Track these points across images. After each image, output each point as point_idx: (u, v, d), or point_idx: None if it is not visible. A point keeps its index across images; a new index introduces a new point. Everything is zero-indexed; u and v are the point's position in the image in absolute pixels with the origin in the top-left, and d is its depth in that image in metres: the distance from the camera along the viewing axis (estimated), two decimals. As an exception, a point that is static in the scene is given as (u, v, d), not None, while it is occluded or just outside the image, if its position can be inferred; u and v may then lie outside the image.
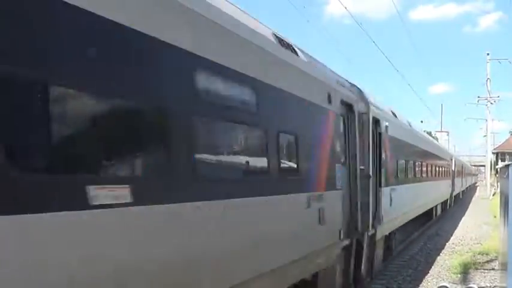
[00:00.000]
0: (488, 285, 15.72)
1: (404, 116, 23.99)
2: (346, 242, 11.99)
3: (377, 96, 17.28)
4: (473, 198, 71.33)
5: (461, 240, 27.10)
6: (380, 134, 15.84)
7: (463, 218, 40.31)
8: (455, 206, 48.95)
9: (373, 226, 14.58)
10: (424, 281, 16.60)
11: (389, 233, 18.53)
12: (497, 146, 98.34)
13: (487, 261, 19.46)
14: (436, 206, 35.80)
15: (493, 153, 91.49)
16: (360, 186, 12.88)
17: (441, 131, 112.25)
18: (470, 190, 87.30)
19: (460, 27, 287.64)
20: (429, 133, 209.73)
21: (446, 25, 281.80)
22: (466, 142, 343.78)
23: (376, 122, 15.46)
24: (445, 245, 25.38)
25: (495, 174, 76.93)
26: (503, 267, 12.42)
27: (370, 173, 14.19)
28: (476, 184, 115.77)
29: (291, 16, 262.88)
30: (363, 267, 13.94)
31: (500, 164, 25.56)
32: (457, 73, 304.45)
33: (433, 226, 34.72)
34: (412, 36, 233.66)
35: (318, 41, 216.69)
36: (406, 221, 21.98)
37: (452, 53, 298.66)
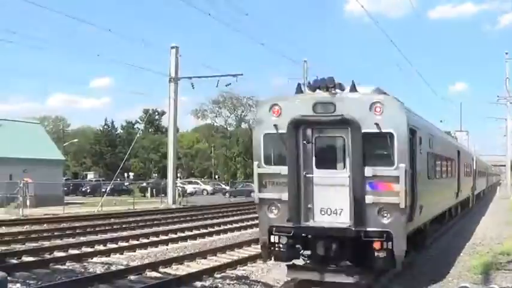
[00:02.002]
0: (510, 286, 15.62)
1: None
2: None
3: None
4: (494, 198, 70.99)
5: (482, 240, 26.99)
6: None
7: (483, 218, 40.16)
8: (475, 206, 48.64)
9: None
10: (445, 281, 16.55)
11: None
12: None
13: (508, 262, 19.34)
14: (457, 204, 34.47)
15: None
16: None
17: (461, 131, 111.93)
18: (492, 190, 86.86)
19: (479, 26, 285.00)
20: (448, 133, 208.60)
21: (465, 24, 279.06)
22: (486, 141, 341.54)
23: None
24: (465, 245, 25.30)
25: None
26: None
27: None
28: (500, 181, 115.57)
29: (309, 14, 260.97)
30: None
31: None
32: (477, 72, 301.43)
33: (453, 226, 34.63)
34: (431, 35, 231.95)
35: (336, 38, 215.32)
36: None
37: (472, 52, 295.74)
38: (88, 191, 79.31)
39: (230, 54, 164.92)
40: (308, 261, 15.99)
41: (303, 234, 15.63)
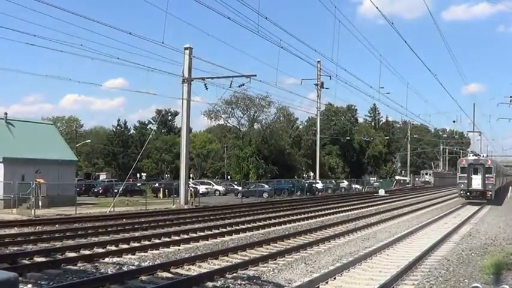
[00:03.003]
0: (522, 286, 15.58)
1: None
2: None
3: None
4: (506, 199, 70.94)
5: (494, 241, 26.98)
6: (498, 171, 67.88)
7: (495, 218, 40.08)
8: (487, 207, 48.95)
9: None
10: (456, 281, 16.52)
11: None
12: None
13: (520, 262, 19.29)
14: (497, 188, 68.40)
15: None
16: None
17: (473, 131, 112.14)
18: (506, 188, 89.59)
19: (494, 27, 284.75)
20: (461, 133, 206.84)
21: (479, 25, 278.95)
22: (499, 142, 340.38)
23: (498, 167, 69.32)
24: (477, 245, 25.26)
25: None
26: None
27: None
28: None
29: (322, 15, 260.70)
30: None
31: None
32: (491, 73, 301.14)
33: (465, 226, 34.56)
34: (446, 36, 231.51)
35: (350, 40, 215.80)
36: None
37: (486, 52, 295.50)
38: (100, 191, 79.45)
39: (246, 55, 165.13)
40: (471, 198, 60.06)
41: (469, 190, 59.58)
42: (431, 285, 15.98)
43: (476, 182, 60.09)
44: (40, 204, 45.18)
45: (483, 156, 65.28)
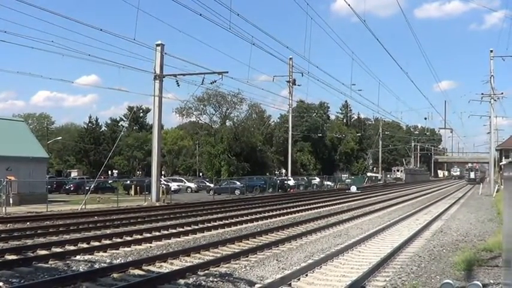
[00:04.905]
0: (492, 282, 15.68)
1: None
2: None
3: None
4: (477, 196, 71.43)
5: (465, 237, 27.15)
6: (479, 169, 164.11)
7: (466, 215, 40.35)
8: (458, 203, 48.97)
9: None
10: (427, 277, 16.59)
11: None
12: (501, 143, 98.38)
13: (491, 258, 19.42)
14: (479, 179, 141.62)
15: (496, 150, 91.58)
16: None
17: (445, 128, 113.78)
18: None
19: (466, 24, 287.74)
20: (433, 130, 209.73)
21: (451, 23, 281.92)
22: (471, 139, 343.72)
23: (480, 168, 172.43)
24: (448, 241, 25.41)
25: (499, 171, 76.68)
26: (507, 264, 12.42)
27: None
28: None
29: (294, 12, 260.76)
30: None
31: (504, 161, 25.62)
32: (462, 70, 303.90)
33: (436, 223, 34.76)
34: (418, 33, 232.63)
35: (322, 37, 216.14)
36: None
37: (458, 50, 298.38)
38: (72, 188, 78.87)
39: (217, 52, 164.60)
40: (470, 181, 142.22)
41: (469, 178, 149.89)
42: (403, 282, 16.03)
43: (472, 175, 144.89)
44: (11, 201, 44.88)
45: (475, 164, 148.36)
